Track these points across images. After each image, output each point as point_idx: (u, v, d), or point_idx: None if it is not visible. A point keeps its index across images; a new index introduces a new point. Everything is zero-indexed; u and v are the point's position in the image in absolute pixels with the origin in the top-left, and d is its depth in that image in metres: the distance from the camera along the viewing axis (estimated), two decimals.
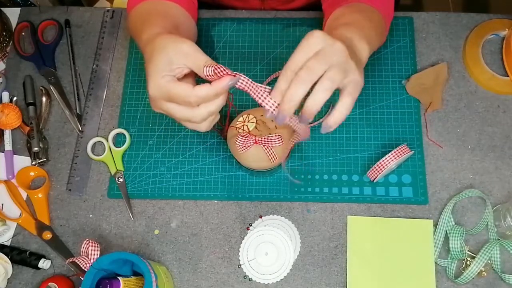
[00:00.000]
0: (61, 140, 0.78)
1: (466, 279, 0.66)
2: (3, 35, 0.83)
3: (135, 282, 0.61)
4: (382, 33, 0.69)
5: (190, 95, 0.51)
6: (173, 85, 0.52)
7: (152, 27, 0.61)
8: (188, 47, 0.53)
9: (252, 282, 0.69)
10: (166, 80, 0.52)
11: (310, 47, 0.50)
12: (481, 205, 0.71)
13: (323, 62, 0.50)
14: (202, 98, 0.52)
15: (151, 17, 0.64)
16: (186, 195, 0.74)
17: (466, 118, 0.76)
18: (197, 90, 0.51)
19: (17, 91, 0.81)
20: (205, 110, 0.53)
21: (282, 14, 0.84)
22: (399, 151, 0.68)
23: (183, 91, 0.52)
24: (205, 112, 0.53)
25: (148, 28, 0.60)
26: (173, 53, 0.53)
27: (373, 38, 0.63)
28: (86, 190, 0.75)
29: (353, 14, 0.64)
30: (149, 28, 0.61)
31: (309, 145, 0.75)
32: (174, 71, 0.53)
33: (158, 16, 0.65)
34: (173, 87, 0.52)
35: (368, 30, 0.62)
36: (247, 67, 0.80)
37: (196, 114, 0.53)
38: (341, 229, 0.71)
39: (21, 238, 0.73)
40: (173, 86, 0.52)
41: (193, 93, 0.51)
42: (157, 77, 0.53)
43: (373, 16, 0.66)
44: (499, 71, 0.77)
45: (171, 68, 0.53)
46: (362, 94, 0.77)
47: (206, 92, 0.51)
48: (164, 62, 0.53)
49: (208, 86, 0.51)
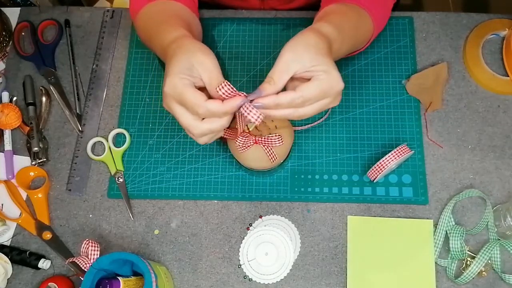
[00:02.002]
0: (61, 140, 0.78)
1: (466, 279, 0.66)
2: (3, 35, 0.83)
3: (135, 282, 0.61)
4: (362, 42, 0.70)
5: (200, 105, 0.52)
6: (187, 90, 0.52)
7: (173, 27, 0.61)
8: (210, 63, 0.54)
9: (252, 282, 0.69)
10: (184, 82, 0.53)
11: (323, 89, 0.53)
12: (481, 205, 0.71)
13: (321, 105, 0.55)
14: (211, 112, 0.52)
15: (166, 18, 0.65)
16: (186, 195, 0.74)
17: (466, 118, 0.76)
18: (208, 103, 0.52)
19: (17, 91, 0.81)
20: (206, 126, 0.54)
21: (282, 14, 0.84)
22: (399, 151, 0.68)
23: (195, 99, 0.52)
24: (206, 128, 0.54)
25: (169, 29, 0.61)
26: (196, 62, 0.53)
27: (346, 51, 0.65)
28: (86, 190, 0.75)
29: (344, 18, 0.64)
30: (170, 28, 0.61)
31: (309, 145, 0.75)
32: (194, 77, 0.54)
33: (172, 17, 0.65)
34: (187, 92, 0.52)
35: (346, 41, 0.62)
36: (247, 67, 0.80)
37: (197, 127, 0.54)
38: (341, 229, 0.71)
39: (21, 238, 0.73)
40: (187, 91, 0.52)
41: (203, 104, 0.52)
42: (175, 76, 0.53)
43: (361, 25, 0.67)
44: (499, 71, 0.77)
45: (191, 73, 0.54)
46: (362, 94, 0.77)
47: (217, 108, 0.52)
48: (186, 65, 0.53)
49: (220, 102, 0.52)
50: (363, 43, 0.70)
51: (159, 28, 0.63)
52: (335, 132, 0.76)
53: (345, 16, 0.64)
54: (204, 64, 0.53)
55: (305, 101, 0.53)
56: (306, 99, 0.53)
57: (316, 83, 0.53)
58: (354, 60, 0.79)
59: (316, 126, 0.76)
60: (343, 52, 0.64)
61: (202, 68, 0.53)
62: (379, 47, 0.80)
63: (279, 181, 0.74)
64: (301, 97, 0.52)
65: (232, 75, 0.80)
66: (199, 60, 0.53)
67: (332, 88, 0.54)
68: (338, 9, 0.65)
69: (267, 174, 0.73)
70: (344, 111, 0.77)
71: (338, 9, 0.65)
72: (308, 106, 0.54)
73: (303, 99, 0.52)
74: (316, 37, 0.55)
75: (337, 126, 0.76)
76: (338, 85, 0.54)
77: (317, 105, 0.54)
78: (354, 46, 0.67)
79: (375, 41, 0.79)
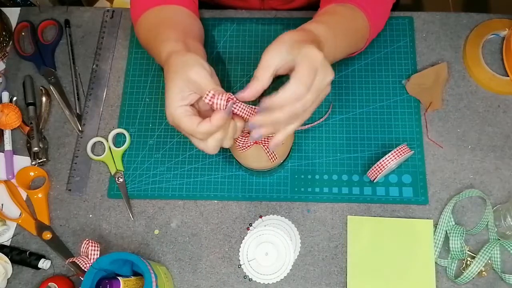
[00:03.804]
0: (61, 140, 0.78)
1: (466, 279, 0.66)
2: (3, 35, 0.83)
3: (135, 282, 0.61)
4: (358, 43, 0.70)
5: (195, 132, 0.54)
6: (181, 120, 0.54)
7: (165, 42, 0.62)
8: (195, 74, 0.54)
9: (252, 282, 0.69)
10: (178, 113, 0.55)
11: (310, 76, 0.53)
12: (481, 205, 0.71)
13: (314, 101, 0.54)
14: (206, 134, 0.54)
15: (162, 30, 0.65)
16: (186, 195, 0.74)
17: (466, 118, 0.76)
18: (200, 127, 0.53)
19: (17, 91, 0.81)
20: (213, 142, 0.55)
21: (282, 14, 0.84)
22: (399, 151, 0.68)
23: (189, 127, 0.54)
24: (213, 144, 0.55)
25: (162, 45, 0.62)
26: (182, 82, 0.55)
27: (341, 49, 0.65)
28: (86, 190, 0.75)
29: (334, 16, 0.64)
30: (162, 44, 0.62)
31: (309, 145, 0.75)
32: (188, 98, 0.56)
33: (168, 28, 0.65)
34: (181, 122, 0.54)
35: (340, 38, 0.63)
36: (247, 67, 0.80)
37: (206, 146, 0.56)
38: (341, 229, 0.71)
39: (21, 238, 0.73)
40: (181, 122, 0.54)
41: (197, 130, 0.53)
42: (171, 107, 0.55)
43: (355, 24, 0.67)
44: (499, 71, 0.77)
45: (183, 96, 0.55)
46: (362, 94, 0.78)
47: (208, 128, 0.53)
48: (176, 91, 0.55)
49: (209, 123, 0.53)
50: (359, 41, 0.70)
51: (156, 41, 0.64)
52: (335, 132, 0.76)
53: (335, 15, 0.64)
54: (189, 81, 0.54)
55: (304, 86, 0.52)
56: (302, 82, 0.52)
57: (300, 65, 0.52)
58: (354, 60, 0.79)
59: (316, 126, 0.76)
60: (340, 51, 0.64)
61: (189, 85, 0.55)
62: (379, 47, 0.80)
63: (279, 181, 0.74)
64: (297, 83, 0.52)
65: (232, 75, 0.80)
66: (184, 79, 0.54)
67: (313, 60, 0.52)
68: (330, 9, 0.66)
69: (267, 174, 0.73)
70: (344, 111, 0.77)
71: (330, 9, 0.66)
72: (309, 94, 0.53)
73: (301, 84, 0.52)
74: (295, 32, 0.56)
75: (337, 126, 0.76)
76: (316, 55, 0.53)
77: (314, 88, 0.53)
78: (350, 45, 0.67)
79: (375, 41, 0.79)
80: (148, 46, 0.69)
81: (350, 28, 0.66)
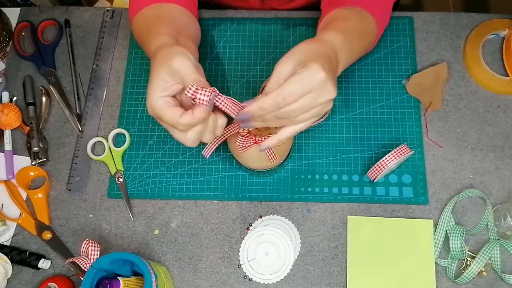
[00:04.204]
0: (61, 140, 0.78)
1: (466, 279, 0.66)
2: (3, 35, 0.83)
3: (135, 282, 0.61)
4: (369, 45, 0.69)
5: (177, 123, 0.53)
6: (163, 112, 0.54)
7: (156, 36, 0.61)
8: (178, 63, 0.54)
9: (252, 282, 0.69)
10: (159, 104, 0.54)
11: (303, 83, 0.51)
12: (481, 205, 0.71)
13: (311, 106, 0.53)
14: (188, 126, 0.53)
15: (155, 25, 0.65)
16: (186, 195, 0.74)
17: (466, 118, 0.76)
18: (182, 119, 0.53)
19: (17, 91, 0.81)
20: (193, 135, 0.55)
21: (282, 14, 0.84)
22: (399, 151, 0.68)
23: (171, 119, 0.53)
24: (193, 137, 0.55)
25: (153, 39, 0.61)
26: (164, 72, 0.54)
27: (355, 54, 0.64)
28: (86, 190, 0.75)
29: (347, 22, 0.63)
30: (154, 38, 0.61)
31: (309, 145, 0.75)
32: (170, 88, 0.55)
33: (162, 24, 0.65)
34: (162, 114, 0.54)
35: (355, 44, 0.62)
36: (247, 67, 0.80)
37: (186, 139, 0.55)
38: (341, 229, 0.71)
39: (21, 238, 0.73)
40: (163, 113, 0.54)
41: (179, 121, 0.53)
42: (152, 98, 0.54)
43: (366, 27, 0.66)
44: (499, 71, 0.77)
45: (165, 86, 0.54)
46: (362, 94, 0.78)
47: (190, 120, 0.52)
48: (158, 82, 0.54)
49: (191, 115, 0.52)
50: (369, 44, 0.69)
51: (148, 37, 0.64)
52: (335, 132, 0.76)
53: (348, 20, 0.63)
54: (172, 70, 0.54)
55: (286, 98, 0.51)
56: (286, 94, 0.51)
57: (293, 77, 0.51)
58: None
59: (316, 126, 0.76)
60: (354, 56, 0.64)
61: (172, 75, 0.54)
62: (379, 47, 0.80)
63: (279, 181, 0.74)
64: (280, 94, 0.51)
65: (232, 75, 0.80)
66: (167, 69, 0.54)
67: (310, 79, 0.51)
68: (340, 14, 0.65)
69: (267, 174, 0.73)
70: (344, 111, 0.77)
71: (340, 14, 0.65)
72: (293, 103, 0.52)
73: (283, 95, 0.51)
74: (310, 43, 0.55)
75: (337, 126, 0.76)
76: (317, 74, 0.51)
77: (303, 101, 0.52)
78: (361, 48, 0.66)
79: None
80: (141, 40, 0.68)
81: (362, 32, 0.65)
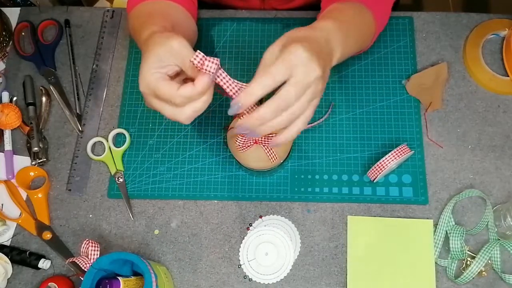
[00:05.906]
0: (61, 140, 0.78)
1: (466, 279, 0.66)
2: (3, 35, 0.83)
3: (135, 282, 0.61)
4: (366, 39, 0.69)
5: (175, 95, 0.51)
6: (159, 84, 0.52)
7: (150, 26, 0.60)
8: (177, 44, 0.52)
9: (252, 282, 0.69)
10: (155, 77, 0.52)
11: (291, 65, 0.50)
12: (481, 205, 0.71)
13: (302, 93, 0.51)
14: (187, 98, 0.52)
15: (149, 18, 0.64)
16: (186, 195, 0.74)
17: (466, 118, 0.76)
18: (181, 91, 0.51)
19: (17, 91, 0.81)
20: (190, 110, 0.53)
21: (282, 14, 0.84)
22: (399, 151, 0.68)
23: (168, 91, 0.52)
24: (190, 112, 0.53)
25: (146, 28, 0.60)
26: (162, 51, 0.53)
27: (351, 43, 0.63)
28: (86, 190, 0.75)
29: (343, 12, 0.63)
30: (147, 27, 0.60)
31: (309, 145, 0.75)
32: (165, 68, 0.53)
33: (157, 16, 0.65)
34: (159, 86, 0.52)
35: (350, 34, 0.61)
36: (247, 67, 0.80)
37: (181, 113, 0.53)
38: (341, 229, 0.71)
39: (21, 238, 0.73)
40: (159, 85, 0.52)
41: (177, 93, 0.51)
42: (146, 73, 0.53)
43: (363, 20, 0.66)
44: (499, 71, 0.77)
45: (161, 65, 0.53)
46: (362, 94, 0.78)
47: (190, 92, 0.51)
48: (154, 59, 0.53)
49: (192, 85, 0.51)
50: (367, 39, 0.69)
51: (141, 28, 0.63)
52: (335, 132, 0.76)
53: (343, 11, 0.63)
54: (170, 50, 0.52)
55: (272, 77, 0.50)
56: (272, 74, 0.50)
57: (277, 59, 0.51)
58: (354, 60, 0.79)
59: (316, 126, 0.76)
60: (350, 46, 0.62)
61: (169, 54, 0.52)
62: (379, 47, 0.80)
63: (279, 181, 0.74)
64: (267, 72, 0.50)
65: (232, 75, 0.79)
66: (164, 48, 0.53)
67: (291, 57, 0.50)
68: (337, 7, 0.65)
69: (267, 174, 0.73)
70: (344, 111, 0.77)
71: (338, 6, 0.65)
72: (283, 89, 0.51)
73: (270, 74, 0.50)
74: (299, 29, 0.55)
75: (337, 126, 0.76)
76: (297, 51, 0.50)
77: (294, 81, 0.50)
78: (358, 41, 0.66)
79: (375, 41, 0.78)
80: (134, 32, 0.67)
81: (359, 23, 0.65)
